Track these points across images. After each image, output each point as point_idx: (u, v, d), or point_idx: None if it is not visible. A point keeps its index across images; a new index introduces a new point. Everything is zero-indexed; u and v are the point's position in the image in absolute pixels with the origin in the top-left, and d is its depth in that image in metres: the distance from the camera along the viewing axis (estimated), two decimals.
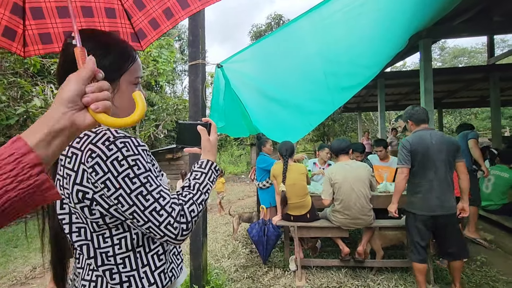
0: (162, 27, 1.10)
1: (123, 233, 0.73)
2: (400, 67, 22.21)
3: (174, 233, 0.68)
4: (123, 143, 0.68)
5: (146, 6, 1.03)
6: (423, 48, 4.59)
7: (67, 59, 0.72)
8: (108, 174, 0.65)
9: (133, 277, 0.73)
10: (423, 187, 2.41)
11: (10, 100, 5.23)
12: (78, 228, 0.72)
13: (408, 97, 9.17)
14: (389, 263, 2.99)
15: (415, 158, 2.44)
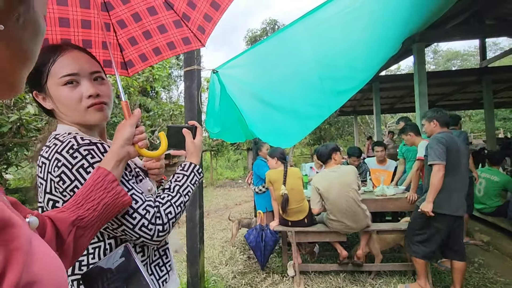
0: (149, 60, 1.27)
1: (97, 242, 0.73)
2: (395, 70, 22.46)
3: (150, 234, 0.69)
4: (87, 150, 0.68)
5: (138, 44, 1.22)
6: (417, 52, 4.65)
7: None
8: (75, 182, 0.66)
9: None
10: (449, 186, 2.40)
11: (3, 108, 5.17)
12: None
13: (403, 100, 9.25)
14: (387, 267, 2.98)
15: (448, 156, 2.41)
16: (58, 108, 0.77)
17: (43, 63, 0.74)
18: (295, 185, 3.02)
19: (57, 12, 1.02)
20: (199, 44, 1.27)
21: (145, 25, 1.19)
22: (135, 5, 1.13)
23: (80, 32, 1.09)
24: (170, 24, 1.21)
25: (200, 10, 1.17)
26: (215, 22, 1.22)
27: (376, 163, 4.07)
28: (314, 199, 2.90)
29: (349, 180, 2.79)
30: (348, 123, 18.30)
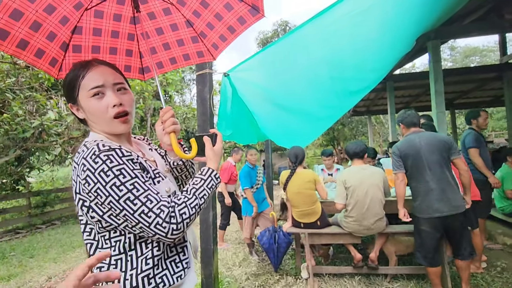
0: (165, 68, 1.43)
1: (119, 236, 0.81)
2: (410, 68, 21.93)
3: (164, 231, 0.75)
4: (106, 156, 0.75)
5: (157, 53, 1.37)
6: (432, 49, 4.52)
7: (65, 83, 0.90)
8: (98, 184, 0.74)
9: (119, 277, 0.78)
10: (421, 190, 2.39)
11: (26, 114, 5.41)
12: (90, 229, 0.82)
13: (419, 99, 9.01)
14: (404, 270, 2.90)
15: (406, 163, 2.45)
16: (88, 118, 0.88)
17: (75, 78, 0.85)
18: (302, 188, 2.98)
19: (92, 23, 1.20)
20: (211, 58, 1.44)
21: (166, 38, 1.36)
22: (160, 21, 1.31)
23: (109, 41, 1.26)
24: (188, 39, 1.38)
25: (217, 31, 1.33)
26: (228, 42, 1.37)
27: (391, 164, 3.99)
28: (340, 194, 2.83)
29: (378, 181, 2.74)
30: (362, 123, 18.00)
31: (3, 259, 4.59)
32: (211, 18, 1.30)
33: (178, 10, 1.30)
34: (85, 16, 1.16)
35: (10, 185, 8.45)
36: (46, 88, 6.04)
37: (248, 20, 1.29)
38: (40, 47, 1.07)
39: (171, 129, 0.95)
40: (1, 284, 3.55)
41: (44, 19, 1.04)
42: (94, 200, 0.76)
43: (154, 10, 1.29)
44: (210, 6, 1.26)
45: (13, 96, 5.37)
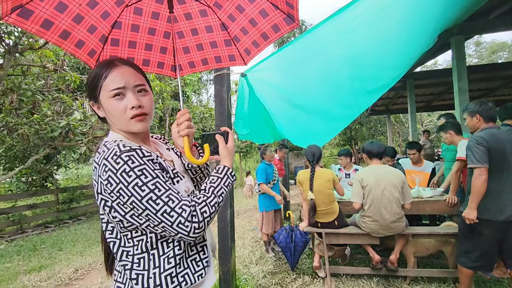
0: (196, 68, 1.47)
1: (141, 235, 0.82)
2: (431, 66, 21.14)
3: (186, 230, 0.77)
4: (127, 156, 0.76)
5: (190, 53, 1.42)
6: (455, 46, 4.37)
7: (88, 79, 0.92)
8: (120, 185, 0.75)
9: (142, 275, 0.81)
10: (493, 189, 2.18)
11: (54, 114, 5.71)
12: (112, 227, 0.84)
13: (441, 97, 8.69)
14: (425, 273, 2.83)
15: (491, 157, 2.18)
16: (108, 117, 0.90)
17: (97, 78, 0.87)
18: (322, 187, 2.96)
19: (131, 19, 1.26)
20: (242, 63, 1.45)
21: (200, 39, 1.40)
22: (196, 22, 1.36)
23: (146, 37, 1.32)
24: (221, 42, 1.40)
25: (251, 36, 1.34)
26: (261, 49, 1.38)
27: (411, 164, 3.89)
28: (357, 193, 2.79)
29: (396, 181, 2.69)
30: (380, 122, 17.56)
31: (34, 251, 4.88)
32: (245, 23, 1.31)
33: (214, 12, 1.32)
34: (125, 12, 1.22)
35: (40, 181, 8.95)
36: (72, 89, 6.34)
37: (282, 28, 1.29)
38: (81, 38, 1.14)
39: (185, 133, 0.96)
40: (33, 274, 3.79)
41: (87, 12, 1.11)
42: (116, 200, 0.77)
43: (191, 11, 1.33)
44: (246, 11, 1.27)
45: (42, 97, 5.68)
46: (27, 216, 7.17)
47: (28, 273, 3.85)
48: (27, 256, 4.64)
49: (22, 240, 5.67)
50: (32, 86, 5.64)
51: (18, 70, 5.47)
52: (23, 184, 9.00)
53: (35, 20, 1.02)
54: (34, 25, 1.03)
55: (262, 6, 1.24)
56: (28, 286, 3.41)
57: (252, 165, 17.56)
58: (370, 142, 2.99)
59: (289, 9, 1.19)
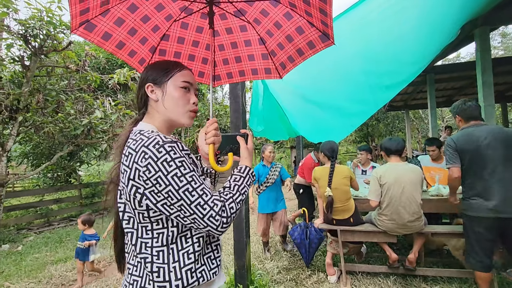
0: (233, 79, 1.57)
1: (161, 228, 0.83)
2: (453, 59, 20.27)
3: (216, 224, 0.80)
4: (170, 147, 0.79)
5: (229, 65, 1.53)
6: (479, 37, 4.17)
7: None
8: (159, 173, 0.77)
9: (162, 269, 0.82)
10: (478, 188, 2.21)
11: (77, 113, 5.96)
12: (129, 217, 0.84)
13: (463, 92, 8.33)
14: (445, 272, 2.76)
15: (463, 158, 2.27)
16: (162, 102, 0.94)
17: (172, 69, 0.97)
18: (339, 185, 2.92)
19: (178, 32, 1.41)
20: (277, 76, 1.51)
21: (239, 52, 1.50)
22: (236, 36, 1.47)
23: (190, 48, 1.48)
24: (259, 56, 1.49)
25: (287, 52, 1.41)
26: (296, 64, 1.43)
27: (430, 161, 3.77)
28: (374, 191, 2.73)
29: (416, 179, 2.63)
30: (398, 118, 17.07)
31: (60, 243, 5.14)
32: (282, 39, 1.38)
33: (254, 28, 1.42)
34: (173, 26, 1.38)
35: (64, 177, 9.38)
36: (93, 89, 6.58)
37: (317, 45, 1.33)
38: (133, 49, 1.32)
39: (211, 140, 1.02)
40: (59, 264, 4.00)
41: (140, 26, 1.28)
42: (150, 187, 0.78)
43: (232, 26, 1.45)
44: (283, 28, 1.34)
45: (66, 97, 5.94)
46: (53, 210, 7.56)
47: (55, 263, 4.07)
48: (54, 247, 4.90)
49: (49, 233, 5.99)
50: (56, 86, 5.90)
51: (43, 71, 5.74)
52: (49, 179, 9.47)
53: (97, 33, 1.20)
54: (96, 37, 1.21)
55: (298, 24, 1.30)
56: (55, 276, 3.61)
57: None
58: (389, 139, 2.92)
59: (324, 27, 1.23)
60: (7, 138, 5.41)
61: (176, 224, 0.84)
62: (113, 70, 7.15)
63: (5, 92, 5.02)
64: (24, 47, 5.08)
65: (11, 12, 4.64)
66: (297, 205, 6.25)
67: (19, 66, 5.33)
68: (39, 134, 6.17)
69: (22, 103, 5.21)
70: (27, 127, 5.85)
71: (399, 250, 3.37)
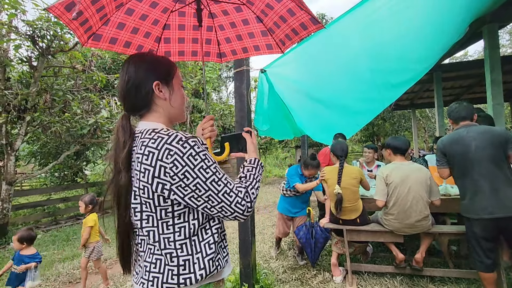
0: (238, 55, 1.70)
1: (183, 222, 0.85)
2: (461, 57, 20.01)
3: (242, 209, 0.85)
4: (193, 141, 0.83)
5: (232, 43, 1.67)
6: (488, 35, 4.10)
7: None
8: (186, 167, 0.80)
9: (188, 261, 0.85)
10: (469, 188, 2.20)
11: (83, 113, 6.03)
12: (147, 215, 0.84)
13: (472, 90, 8.21)
14: (453, 273, 2.73)
15: (452, 160, 2.28)
16: (169, 101, 0.96)
17: (173, 66, 1.00)
18: (348, 185, 2.89)
19: (178, 21, 1.56)
20: (279, 51, 1.62)
21: (239, 31, 1.63)
22: (233, 16, 1.59)
23: (191, 33, 1.63)
24: (258, 33, 1.62)
25: (283, 30, 1.53)
26: (293, 42, 1.54)
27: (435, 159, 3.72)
28: (381, 190, 2.71)
29: (422, 179, 2.60)
30: (405, 117, 16.90)
31: (67, 241, 5.20)
32: (276, 19, 1.49)
33: (249, 7, 1.52)
34: (172, 16, 1.52)
35: (71, 176, 9.50)
36: (99, 89, 6.64)
37: (310, 27, 1.44)
38: (140, 43, 1.48)
39: (208, 135, 1.14)
40: (67, 262, 4.05)
41: (140, 24, 1.44)
42: (178, 182, 0.80)
43: (227, 8, 1.56)
44: (275, 9, 1.45)
45: (72, 97, 6.01)
46: (60, 208, 7.65)
47: (62, 261, 4.12)
48: (61, 245, 4.96)
49: (56, 231, 6.06)
50: (63, 86, 5.97)
51: (50, 72, 5.81)
52: (56, 178, 9.60)
53: (104, 40, 1.37)
54: (104, 43, 1.38)
55: (288, 6, 1.41)
56: (62, 273, 3.66)
57: (272, 161, 17.57)
58: (394, 137, 2.89)
59: (312, 14, 1.36)
60: (15, 137, 5.50)
61: (197, 217, 0.87)
62: (119, 70, 7.21)
63: (14, 92, 5.10)
64: (31, 48, 5.15)
65: (19, 14, 4.71)
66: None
67: (27, 66, 5.40)
68: (46, 133, 6.26)
69: (30, 103, 5.28)
70: (35, 127, 5.93)
71: (406, 250, 3.34)
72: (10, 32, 5.04)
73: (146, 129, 0.88)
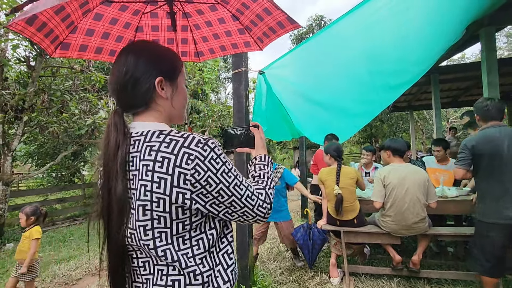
0: (216, 54, 1.69)
1: (199, 234, 0.76)
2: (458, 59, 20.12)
3: (264, 212, 0.80)
4: (213, 143, 0.73)
5: (209, 41, 1.65)
6: (485, 38, 4.12)
7: None
8: (209, 172, 0.71)
9: (210, 276, 0.75)
10: (493, 191, 2.12)
11: (81, 113, 6.00)
12: (160, 232, 0.71)
13: (469, 92, 8.26)
14: (450, 275, 2.73)
15: (480, 161, 2.18)
16: (172, 100, 0.83)
17: (180, 62, 0.89)
18: (346, 185, 2.90)
19: (150, 22, 1.54)
20: (257, 48, 1.61)
21: (215, 30, 1.60)
22: (208, 15, 1.57)
23: (166, 33, 1.60)
24: (235, 31, 1.60)
25: (260, 28, 1.53)
26: (271, 39, 1.55)
27: (435, 162, 3.74)
28: (378, 192, 2.71)
29: (420, 180, 2.60)
30: (402, 119, 16.95)
31: (64, 242, 5.17)
32: (253, 17, 1.50)
33: (224, 6, 1.52)
34: (144, 18, 1.50)
35: (68, 177, 9.45)
36: (97, 89, 6.62)
37: (287, 26, 1.46)
38: (112, 48, 1.45)
39: None
40: (63, 263, 4.03)
41: (111, 28, 1.42)
42: (199, 190, 0.70)
43: (201, 8, 1.55)
44: (251, 8, 1.45)
45: (70, 97, 5.98)
46: (57, 209, 7.61)
47: (59, 262, 4.09)
48: (58, 246, 4.93)
49: (53, 232, 6.03)
50: (61, 86, 5.95)
51: (48, 72, 5.79)
52: (53, 179, 9.55)
53: (74, 48, 1.35)
54: (74, 52, 1.35)
55: (265, 5, 1.41)
56: (59, 275, 3.63)
57: None
58: (392, 139, 2.90)
59: (288, 13, 1.38)
60: (12, 137, 5.46)
61: (214, 226, 0.79)
62: None
63: (11, 92, 5.07)
64: (29, 48, 5.13)
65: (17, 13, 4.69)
66: (300, 206, 6.24)
67: (24, 66, 5.38)
68: (43, 134, 6.22)
69: (27, 103, 5.25)
70: (32, 127, 5.90)
71: (403, 252, 3.34)
72: (8, 32, 5.02)
73: (149, 130, 0.76)
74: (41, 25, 1.11)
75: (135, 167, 0.72)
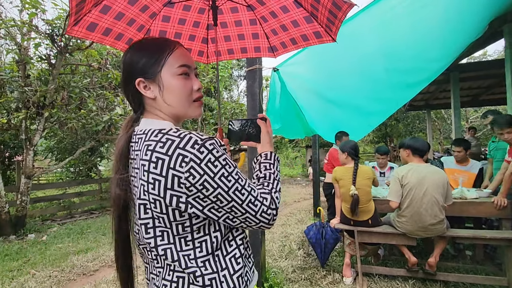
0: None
1: (203, 236, 0.73)
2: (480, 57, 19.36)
3: (268, 218, 0.75)
4: (211, 144, 0.68)
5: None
6: (509, 34, 3.95)
7: None
8: (205, 176, 0.66)
9: (214, 280, 0.72)
10: None
11: (98, 110, 6.17)
12: (161, 231, 0.71)
13: (490, 91, 7.94)
14: (468, 279, 2.65)
15: None
16: (163, 98, 0.77)
17: (161, 51, 0.77)
18: (363, 185, 2.85)
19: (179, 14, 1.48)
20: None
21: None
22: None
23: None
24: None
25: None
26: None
27: (454, 163, 3.62)
28: (395, 191, 2.65)
29: (441, 182, 2.53)
30: (419, 118, 16.52)
31: (81, 234, 5.36)
32: (286, 22, 1.45)
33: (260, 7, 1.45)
34: (175, 8, 1.43)
35: (85, 172, 9.75)
36: (114, 86, 6.78)
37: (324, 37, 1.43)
38: (131, 37, 1.37)
39: None
40: (81, 255, 4.17)
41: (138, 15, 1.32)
42: (195, 194, 0.67)
43: (238, 6, 1.49)
44: (290, 13, 1.41)
45: (88, 94, 6.16)
46: (75, 202, 7.88)
47: (77, 253, 4.24)
48: (76, 238, 5.11)
49: (71, 224, 6.24)
50: (80, 83, 6.13)
51: (68, 69, 5.97)
52: (71, 173, 9.87)
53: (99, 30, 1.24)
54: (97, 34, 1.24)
55: (305, 14, 1.36)
56: (77, 266, 3.77)
57: (282, 161, 17.51)
58: (413, 138, 2.82)
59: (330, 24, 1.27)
60: (33, 133, 5.68)
61: (218, 228, 0.75)
62: None
63: (33, 89, 5.27)
64: (50, 46, 5.31)
65: (39, 13, 4.86)
66: (312, 204, 6.20)
67: (45, 64, 5.57)
68: (63, 129, 6.44)
69: (48, 99, 5.44)
70: (52, 123, 6.11)
71: (419, 254, 3.27)
72: (30, 31, 5.22)
73: (150, 129, 0.73)
74: None
75: (137, 166, 0.71)
